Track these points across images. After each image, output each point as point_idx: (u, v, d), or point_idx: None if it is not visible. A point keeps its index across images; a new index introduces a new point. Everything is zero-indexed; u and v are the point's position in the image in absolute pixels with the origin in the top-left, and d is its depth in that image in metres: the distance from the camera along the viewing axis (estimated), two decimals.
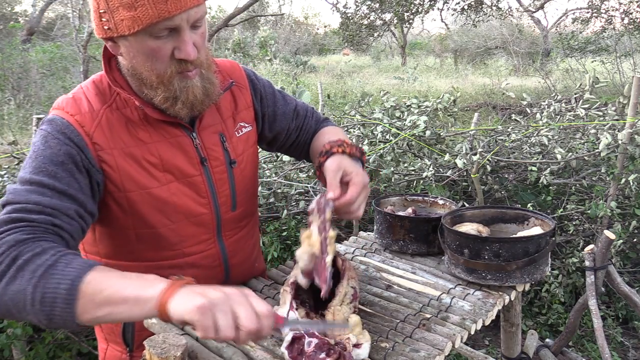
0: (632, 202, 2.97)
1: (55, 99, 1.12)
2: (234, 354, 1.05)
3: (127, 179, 1.08)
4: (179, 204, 1.14)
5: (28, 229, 0.92)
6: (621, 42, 11.09)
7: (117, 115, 1.09)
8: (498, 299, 1.29)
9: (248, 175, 1.27)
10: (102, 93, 1.10)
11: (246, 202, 1.27)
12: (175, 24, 0.98)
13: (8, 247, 0.89)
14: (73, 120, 1.05)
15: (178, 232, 1.16)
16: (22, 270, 0.86)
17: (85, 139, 1.04)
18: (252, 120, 1.29)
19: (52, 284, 0.85)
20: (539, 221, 1.47)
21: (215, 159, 1.19)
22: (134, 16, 0.96)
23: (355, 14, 12.81)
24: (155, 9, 0.95)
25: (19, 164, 2.92)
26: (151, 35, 0.99)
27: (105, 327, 1.28)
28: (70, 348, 2.46)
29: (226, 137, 1.21)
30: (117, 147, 1.07)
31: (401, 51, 19.90)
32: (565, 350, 2.46)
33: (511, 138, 3.15)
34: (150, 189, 1.10)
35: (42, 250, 0.89)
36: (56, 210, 0.97)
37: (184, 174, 1.14)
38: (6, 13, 20.04)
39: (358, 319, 1.08)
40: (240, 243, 1.29)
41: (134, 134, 1.09)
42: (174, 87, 1.05)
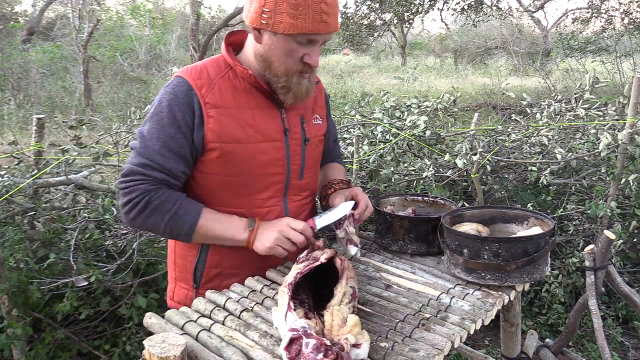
0: (632, 202, 2.97)
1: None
2: (233, 354, 1.05)
3: (225, 132, 1.35)
4: (261, 160, 1.39)
5: (152, 181, 1.31)
6: (621, 42, 11.09)
7: (228, 84, 1.38)
8: (497, 298, 1.29)
9: (315, 155, 1.54)
10: (219, 67, 1.40)
11: (311, 176, 1.54)
12: (316, 39, 1.29)
13: (141, 193, 1.30)
14: (194, 84, 1.35)
15: (254, 185, 1.41)
16: (155, 211, 1.30)
17: (200, 99, 1.33)
18: (324, 117, 1.58)
19: (177, 226, 1.33)
20: (539, 221, 1.47)
21: (295, 133, 1.46)
22: (293, 23, 1.24)
23: (355, 14, 12.80)
24: (312, 25, 1.25)
25: (19, 163, 2.93)
26: (295, 40, 1.28)
27: (178, 268, 1.52)
28: (70, 348, 2.45)
29: (305, 119, 1.49)
30: (223, 106, 1.36)
31: (401, 51, 19.90)
32: (565, 350, 2.46)
33: (511, 138, 3.15)
34: (243, 144, 1.37)
35: (165, 199, 1.31)
36: (170, 171, 1.33)
37: (271, 138, 1.40)
38: (6, 13, 20.03)
39: (357, 319, 1.07)
40: (300, 209, 1.52)
41: (237, 99, 1.38)
42: (292, 81, 1.35)
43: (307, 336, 1.00)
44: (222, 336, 1.13)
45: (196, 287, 1.48)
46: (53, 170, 2.83)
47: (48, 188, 2.86)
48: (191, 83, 1.35)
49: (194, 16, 10.93)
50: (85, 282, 2.35)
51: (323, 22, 1.25)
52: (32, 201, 2.63)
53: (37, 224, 2.59)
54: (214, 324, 1.17)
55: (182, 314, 1.23)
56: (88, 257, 2.49)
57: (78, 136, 2.83)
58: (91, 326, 2.54)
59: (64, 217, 2.66)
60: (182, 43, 15.73)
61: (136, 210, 1.30)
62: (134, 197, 1.30)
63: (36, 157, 2.75)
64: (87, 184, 2.83)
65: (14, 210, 2.60)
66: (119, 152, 2.87)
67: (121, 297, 2.50)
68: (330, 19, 1.26)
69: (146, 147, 1.32)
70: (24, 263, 2.36)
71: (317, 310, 1.14)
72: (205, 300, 1.28)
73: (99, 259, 2.61)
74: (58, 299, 2.40)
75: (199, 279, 1.47)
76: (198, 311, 1.24)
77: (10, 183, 2.56)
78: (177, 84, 1.35)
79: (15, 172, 2.82)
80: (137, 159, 1.32)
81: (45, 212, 2.70)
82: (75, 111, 9.32)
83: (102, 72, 12.20)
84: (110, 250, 2.65)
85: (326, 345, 0.98)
